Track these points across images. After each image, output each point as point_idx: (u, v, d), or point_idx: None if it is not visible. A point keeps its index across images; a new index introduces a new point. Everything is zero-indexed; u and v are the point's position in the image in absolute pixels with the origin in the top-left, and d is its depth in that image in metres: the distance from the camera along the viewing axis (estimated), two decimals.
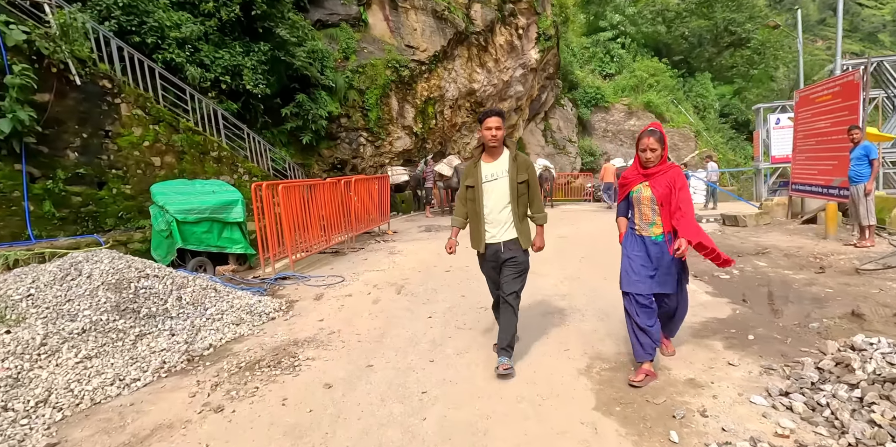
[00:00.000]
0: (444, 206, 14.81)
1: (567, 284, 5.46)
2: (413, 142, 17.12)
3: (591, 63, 25.42)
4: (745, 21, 26.39)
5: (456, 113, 18.07)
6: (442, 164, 13.51)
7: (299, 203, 7.12)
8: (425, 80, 16.69)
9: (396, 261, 7.18)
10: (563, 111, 23.70)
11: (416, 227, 11.34)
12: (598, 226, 10.92)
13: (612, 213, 15.22)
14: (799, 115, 9.98)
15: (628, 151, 23.48)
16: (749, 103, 26.74)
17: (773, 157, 18.33)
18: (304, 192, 7.26)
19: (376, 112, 15.75)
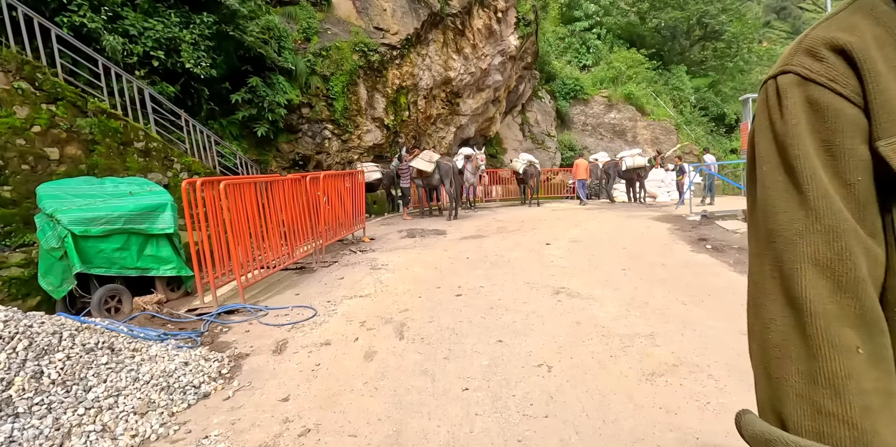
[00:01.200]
0: (423, 206, 13.12)
1: (641, 316, 3.90)
2: (384, 135, 15.39)
3: (566, 54, 24.23)
4: (718, 13, 25.80)
5: (431, 104, 16.42)
6: (419, 159, 11.85)
7: (251, 206, 5.33)
8: (397, 66, 14.97)
9: (383, 281, 5.48)
10: (541, 104, 22.39)
11: (396, 232, 9.63)
12: (605, 225, 9.53)
13: (611, 210, 14.21)
14: None
15: (608, 146, 22.41)
16: (724, 96, 26.21)
17: None
18: (258, 191, 5.47)
19: (343, 101, 13.96)
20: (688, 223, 9.84)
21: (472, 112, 17.78)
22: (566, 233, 8.71)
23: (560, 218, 11.51)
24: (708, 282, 4.73)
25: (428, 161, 11.69)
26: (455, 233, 9.39)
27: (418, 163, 11.74)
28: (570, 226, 9.75)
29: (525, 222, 10.76)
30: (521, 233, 9.04)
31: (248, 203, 5.28)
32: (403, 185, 12.20)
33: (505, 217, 12.10)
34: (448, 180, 11.48)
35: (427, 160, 11.73)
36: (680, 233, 8.39)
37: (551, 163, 21.70)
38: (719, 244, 6.95)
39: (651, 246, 7.09)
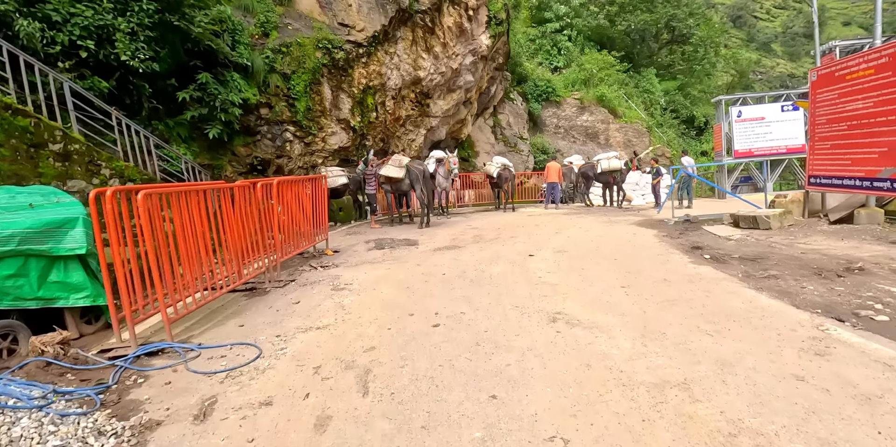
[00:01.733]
0: (392, 213, 12.27)
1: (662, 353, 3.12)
2: (350, 138, 14.51)
3: (538, 56, 23.82)
4: (685, 17, 25.93)
5: (399, 105, 15.62)
6: (388, 166, 11.03)
7: (186, 218, 4.42)
8: (363, 65, 14.14)
9: (346, 306, 4.65)
10: (513, 106, 21.87)
11: (363, 243, 8.78)
12: (588, 232, 8.92)
13: (590, 215, 13.64)
14: (819, 97, 8.45)
15: (581, 148, 22.06)
16: (693, 99, 26.31)
17: (737, 151, 17.41)
18: (193, 201, 4.56)
19: (305, 102, 13.07)
20: (673, 228, 9.33)
21: (443, 114, 17.06)
22: (548, 242, 8.04)
23: (538, 224, 10.86)
24: (725, 304, 4.08)
25: (398, 166, 10.88)
26: (428, 243, 8.60)
27: (388, 170, 10.93)
28: (550, 234, 9.10)
29: (502, 229, 10.06)
30: (499, 242, 8.32)
31: (184, 215, 4.38)
32: (370, 192, 11.34)
33: (480, 224, 11.39)
34: (419, 185, 10.70)
35: (397, 166, 10.92)
36: (669, 240, 7.82)
37: (524, 166, 21.18)
38: (717, 253, 6.37)
39: (644, 256, 6.47)
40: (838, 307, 3.88)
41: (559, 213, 13.76)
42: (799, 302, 4.07)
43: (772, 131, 17.05)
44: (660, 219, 11.30)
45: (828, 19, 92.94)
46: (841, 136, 7.91)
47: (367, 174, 11.31)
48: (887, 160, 6.98)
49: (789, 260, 5.72)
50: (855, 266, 5.17)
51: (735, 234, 7.83)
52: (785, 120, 17.01)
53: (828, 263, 5.42)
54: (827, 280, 4.73)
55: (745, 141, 17.17)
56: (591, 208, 15.52)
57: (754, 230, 8.23)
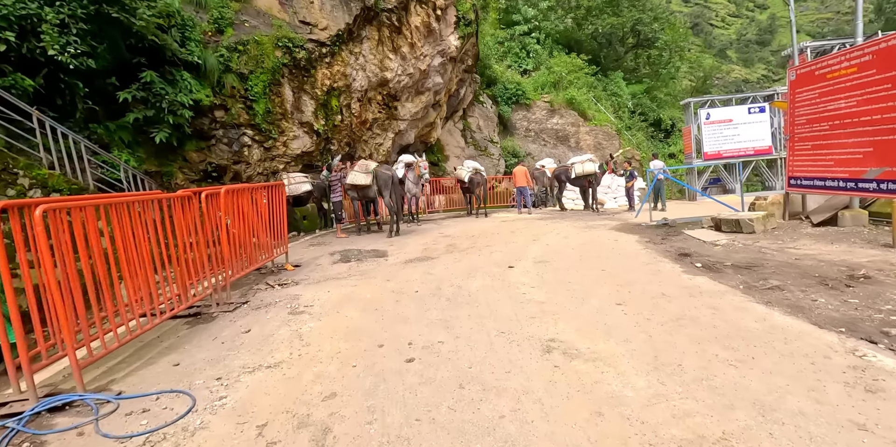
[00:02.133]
0: (359, 222, 11.57)
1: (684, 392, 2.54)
2: (314, 142, 13.77)
3: (506, 58, 23.54)
4: (650, 21, 26.17)
5: (366, 107, 14.96)
6: (355, 172, 10.38)
7: (121, 236, 3.69)
8: (327, 65, 13.44)
9: (305, 335, 3.99)
10: (483, 109, 21.47)
11: (328, 256, 8.09)
12: (567, 239, 8.47)
13: (565, 220, 13.04)
14: (798, 97, 8.25)
15: (552, 152, 21.81)
16: (660, 102, 26.52)
17: (706, 153, 17.42)
18: (124, 215, 3.82)
19: (264, 104, 12.29)
20: (654, 233, 8.97)
21: (412, 116, 16.47)
22: (527, 251, 7.53)
23: (514, 231, 10.37)
24: (737, 323, 3.62)
25: (364, 172, 10.23)
26: (398, 254, 7.97)
27: (355, 176, 10.26)
28: (528, 242, 8.61)
29: (477, 237, 9.52)
30: (475, 252, 7.76)
31: (114, 231, 3.63)
32: (335, 199, 10.63)
33: (453, 231, 10.83)
34: (387, 192, 10.06)
35: (363, 171, 10.27)
36: (654, 246, 7.42)
37: (495, 170, 20.78)
38: (708, 261, 5.98)
39: (633, 266, 6.02)
40: (862, 324, 3.46)
41: (533, 219, 13.33)
42: (817, 318, 3.64)
43: (739, 133, 17.14)
44: (637, 223, 10.98)
45: (778, 27, 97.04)
46: (822, 137, 7.70)
47: (332, 180, 10.60)
48: (873, 160, 6.76)
49: (786, 267, 5.35)
50: (859, 273, 4.83)
51: (720, 239, 7.50)
52: (752, 122, 17.13)
53: (828, 271, 5.07)
54: (836, 291, 4.35)
55: (714, 143, 17.21)
56: (564, 213, 15.18)
57: (738, 234, 7.93)
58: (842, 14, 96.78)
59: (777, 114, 17.12)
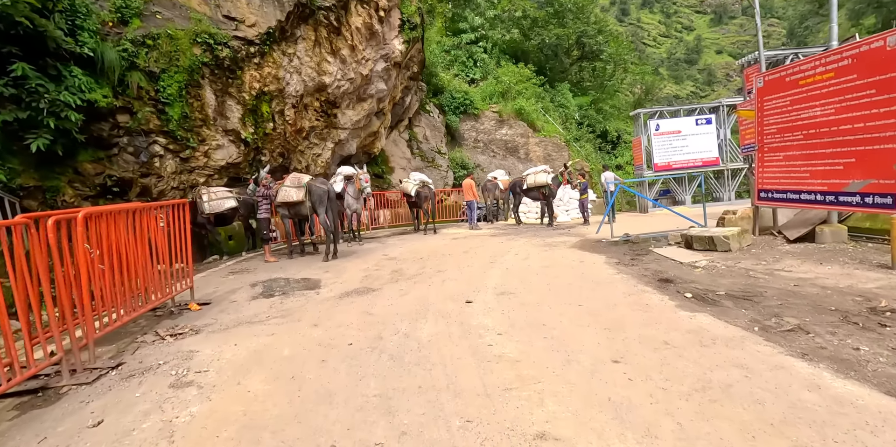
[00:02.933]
0: (292, 242, 10.14)
1: None
2: (241, 152, 12.26)
3: (453, 67, 22.77)
4: (595, 33, 26.30)
5: (302, 114, 13.59)
6: (285, 186, 9.05)
7: None
8: (256, 66, 12.03)
9: (178, 433, 2.69)
10: (430, 118, 20.50)
11: (247, 288, 6.71)
12: (528, 261, 7.50)
13: (520, 236, 11.47)
14: (767, 105, 7.72)
15: (501, 163, 21.11)
16: (605, 114, 26.59)
17: (656, 164, 17.20)
18: None
19: (180, 108, 10.76)
20: (619, 251, 8.18)
21: (353, 125, 15.23)
22: (485, 278, 6.46)
23: (467, 250, 9.32)
24: (785, 393, 2.66)
25: (296, 186, 8.91)
26: (333, 284, 6.70)
27: (286, 192, 8.92)
28: (484, 265, 7.56)
29: (426, 260, 8.39)
30: (424, 280, 6.62)
31: None
32: (262, 217, 9.18)
33: (399, 252, 9.64)
34: (322, 208, 8.76)
35: (295, 186, 8.94)
36: (626, 269, 6.56)
37: (443, 182, 19.80)
38: (696, 289, 5.13)
39: (612, 298, 5.07)
40: None
41: (486, 235, 12.36)
42: (878, 380, 2.75)
43: (688, 145, 17.05)
44: (597, 239, 10.23)
45: (704, 48, 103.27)
46: (796, 147, 7.16)
47: (259, 196, 9.16)
48: (856, 172, 6.21)
49: (790, 297, 4.55)
50: (880, 306, 4.07)
51: (698, 260, 6.74)
52: (699, 133, 17.10)
53: (842, 302, 4.30)
54: (870, 332, 3.53)
55: (664, 154, 17.03)
56: (519, 227, 14.35)
57: (713, 253, 7.23)
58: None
59: (723, 125, 17.20)
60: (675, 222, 12.21)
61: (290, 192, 8.89)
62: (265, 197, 9.00)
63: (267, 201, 9.04)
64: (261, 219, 9.10)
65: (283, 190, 9.02)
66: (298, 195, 8.87)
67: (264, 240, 9.13)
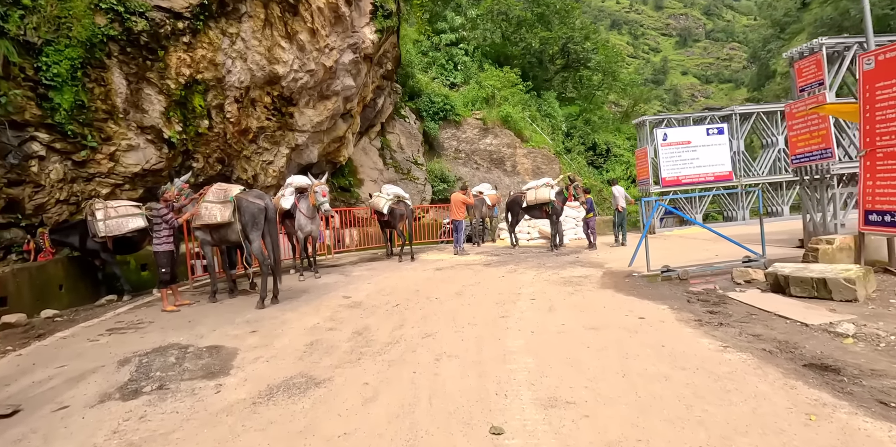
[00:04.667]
0: (215, 277, 7.30)
1: None
2: (164, 156, 9.58)
3: (431, 70, 20.51)
4: (582, 40, 24.56)
5: (248, 111, 10.95)
6: (206, 202, 6.36)
7: None
8: (185, 47, 9.44)
9: None
10: (406, 124, 18.06)
11: (112, 367, 4.03)
12: (553, 314, 5.06)
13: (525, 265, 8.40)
14: (880, 94, 5.55)
15: (485, 176, 18.78)
16: (594, 126, 24.68)
17: (664, 179, 15.12)
18: None
19: (72, 94, 8.13)
20: (677, 296, 5.80)
21: (314, 127, 12.63)
22: (505, 357, 3.94)
23: (461, 290, 6.78)
24: None
25: (221, 203, 6.24)
26: (254, 364, 4.05)
27: (208, 212, 6.23)
28: (493, 321, 5.04)
29: (404, 308, 5.81)
30: (405, 357, 4.05)
31: None
32: (158, 249, 6.33)
33: (367, 291, 7.03)
34: (258, 232, 6.12)
35: (219, 201, 6.27)
36: (727, 338, 4.14)
37: (420, 197, 17.28)
38: (883, 393, 2.75)
39: (759, 418, 2.64)
40: None
41: (478, 263, 9.86)
42: None
43: (699, 157, 15.08)
44: (623, 270, 7.87)
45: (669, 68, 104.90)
46: None
47: (160, 216, 6.35)
48: None
49: None
50: None
51: (829, 320, 4.37)
52: (711, 144, 15.16)
53: None
54: None
55: (673, 167, 14.99)
56: (513, 250, 11.91)
57: (826, 301, 4.91)
58: (720, 59, 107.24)
59: (736, 135, 15.32)
60: (702, 247, 10.02)
61: (213, 209, 6.21)
62: (164, 218, 6.23)
63: (168, 226, 6.27)
64: (158, 252, 6.28)
65: (204, 207, 6.32)
66: (224, 214, 6.19)
67: (161, 282, 6.33)
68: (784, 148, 15.87)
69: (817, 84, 8.64)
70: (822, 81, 8.55)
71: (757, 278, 6.51)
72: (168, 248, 6.27)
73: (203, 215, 6.29)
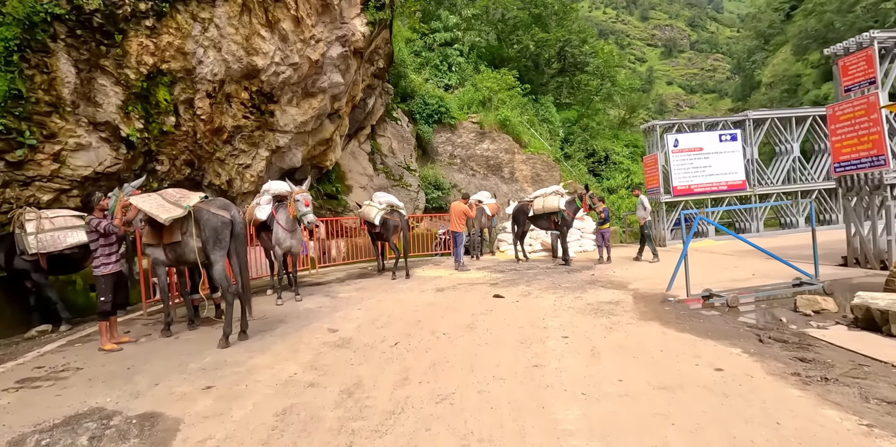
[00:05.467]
0: (168, 306, 6.00)
1: None
2: (122, 157, 8.32)
3: (424, 70, 19.42)
4: (580, 43, 23.73)
5: (222, 108, 9.71)
6: (155, 212, 5.08)
7: None
8: (148, 32, 8.21)
9: None
10: (398, 127, 16.90)
11: None
12: (598, 365, 3.92)
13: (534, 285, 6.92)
14: None
15: (482, 183, 17.67)
16: (592, 132, 23.75)
17: (675, 187, 14.14)
18: None
19: (6, 82, 6.91)
20: (740, 331, 4.70)
21: (298, 128, 11.40)
22: (557, 438, 2.76)
23: (472, 322, 5.59)
24: None
25: (173, 204, 4.99)
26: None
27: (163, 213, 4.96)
28: (525, 372, 3.87)
29: (406, 350, 4.60)
30: (417, 441, 2.85)
31: None
32: (99, 272, 5.03)
33: (356, 322, 5.80)
34: (220, 250, 4.88)
35: (171, 202, 5.02)
36: (845, 403, 3.03)
37: (413, 205, 16.09)
38: None
39: None
40: None
41: (482, 281, 8.69)
42: None
43: (711, 164, 14.14)
44: (660, 295, 6.76)
45: (655, 78, 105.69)
46: None
47: (94, 229, 5.05)
48: None
49: None
50: None
51: None
52: (724, 151, 14.24)
53: None
54: None
55: (684, 176, 14.02)
56: (519, 266, 10.74)
57: None
58: (705, 70, 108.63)
59: (750, 142, 14.41)
60: (729, 264, 8.98)
61: (164, 209, 4.93)
62: (98, 231, 4.94)
63: (107, 244, 5.00)
64: (98, 276, 5.00)
65: (155, 205, 5.01)
66: (171, 213, 4.92)
67: (100, 313, 5.04)
68: (800, 155, 15.03)
69: (867, 83, 7.68)
70: (873, 80, 7.59)
71: (828, 308, 5.44)
72: (110, 271, 4.98)
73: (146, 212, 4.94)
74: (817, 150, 15.55)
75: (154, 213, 4.77)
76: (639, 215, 10.53)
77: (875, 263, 7.91)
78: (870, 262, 7.99)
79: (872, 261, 7.95)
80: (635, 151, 23.59)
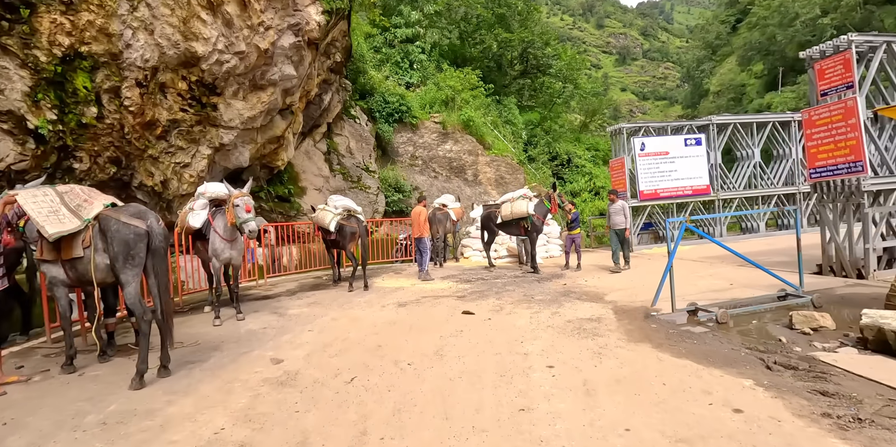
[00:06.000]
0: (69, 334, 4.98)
1: None
2: (29, 152, 7.15)
3: (385, 67, 18.60)
4: (543, 46, 23.49)
5: (155, 99, 8.62)
6: (43, 221, 4.10)
7: None
8: (63, 8, 7.11)
9: None
10: (356, 126, 16.00)
11: None
12: (594, 400, 3.30)
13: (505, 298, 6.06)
14: None
15: (445, 186, 16.99)
16: (555, 135, 23.53)
17: (642, 192, 13.89)
18: None
19: None
20: (742, 354, 4.21)
21: (245, 124, 10.37)
22: None
23: (440, 348, 4.87)
24: None
25: (71, 211, 4.03)
26: None
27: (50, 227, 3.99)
28: (511, 420, 3.18)
29: (365, 390, 3.83)
30: None
31: None
32: None
33: (306, 351, 4.95)
34: (134, 268, 3.97)
35: (69, 209, 4.06)
36: None
37: (372, 208, 15.23)
38: None
39: None
40: None
41: (449, 294, 7.98)
42: None
43: (677, 169, 13.98)
44: (640, 309, 6.24)
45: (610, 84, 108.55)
46: None
47: None
48: None
49: None
50: None
51: None
52: (689, 155, 14.12)
53: None
54: None
55: (651, 180, 13.80)
56: (488, 274, 10.08)
57: None
58: (656, 78, 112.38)
59: (714, 146, 14.37)
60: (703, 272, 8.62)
61: (52, 226, 3.96)
62: None
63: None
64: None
65: (45, 222, 4.04)
66: (61, 227, 3.98)
67: None
68: (760, 161, 15.14)
69: (845, 87, 7.46)
70: (850, 84, 7.37)
71: (826, 325, 5.03)
72: None
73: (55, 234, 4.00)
74: (776, 156, 15.73)
75: (39, 223, 3.79)
76: (615, 221, 9.99)
77: (851, 272, 7.71)
78: (846, 271, 7.79)
79: (848, 269, 7.74)
80: (597, 155, 23.57)
